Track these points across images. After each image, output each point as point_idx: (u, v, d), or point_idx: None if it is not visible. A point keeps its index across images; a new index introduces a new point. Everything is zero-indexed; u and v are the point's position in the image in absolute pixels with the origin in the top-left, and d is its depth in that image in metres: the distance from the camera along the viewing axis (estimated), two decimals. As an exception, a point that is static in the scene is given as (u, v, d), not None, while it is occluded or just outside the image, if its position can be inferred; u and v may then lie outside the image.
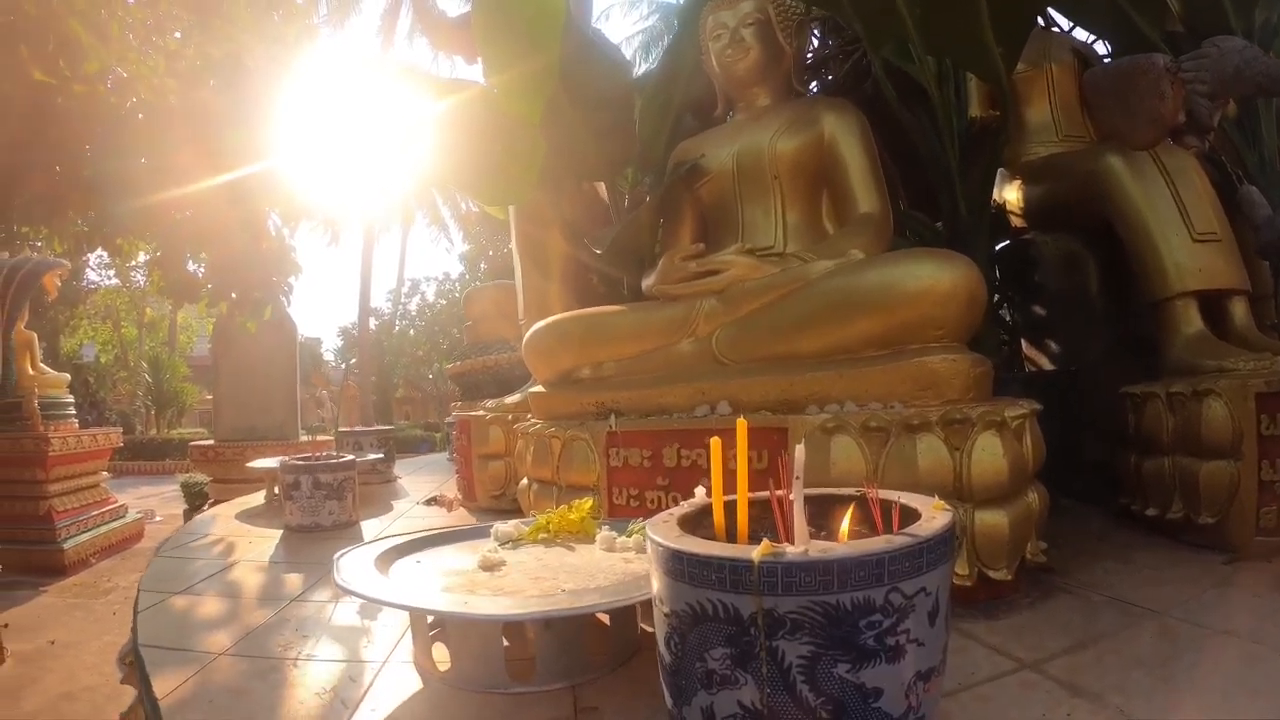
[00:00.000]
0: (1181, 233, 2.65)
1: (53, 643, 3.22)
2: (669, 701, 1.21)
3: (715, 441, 1.20)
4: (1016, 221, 3.69)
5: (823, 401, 2.23)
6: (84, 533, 5.08)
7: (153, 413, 18.86)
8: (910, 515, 1.18)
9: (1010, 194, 3.63)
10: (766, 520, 1.23)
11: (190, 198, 4.25)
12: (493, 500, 3.76)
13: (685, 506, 1.32)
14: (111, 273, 20.98)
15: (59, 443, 5.11)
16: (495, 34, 3.12)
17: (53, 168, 3.05)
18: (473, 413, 3.91)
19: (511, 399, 3.85)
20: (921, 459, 1.98)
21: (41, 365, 5.92)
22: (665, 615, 1.15)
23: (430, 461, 7.85)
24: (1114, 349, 3.27)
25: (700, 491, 1.30)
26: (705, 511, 1.29)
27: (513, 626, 1.93)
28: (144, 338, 22.69)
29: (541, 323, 2.97)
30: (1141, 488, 2.66)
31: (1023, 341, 4.07)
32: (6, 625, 3.16)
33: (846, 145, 2.84)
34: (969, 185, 3.16)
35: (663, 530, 1.18)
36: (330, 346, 31.30)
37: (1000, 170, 3.64)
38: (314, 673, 1.97)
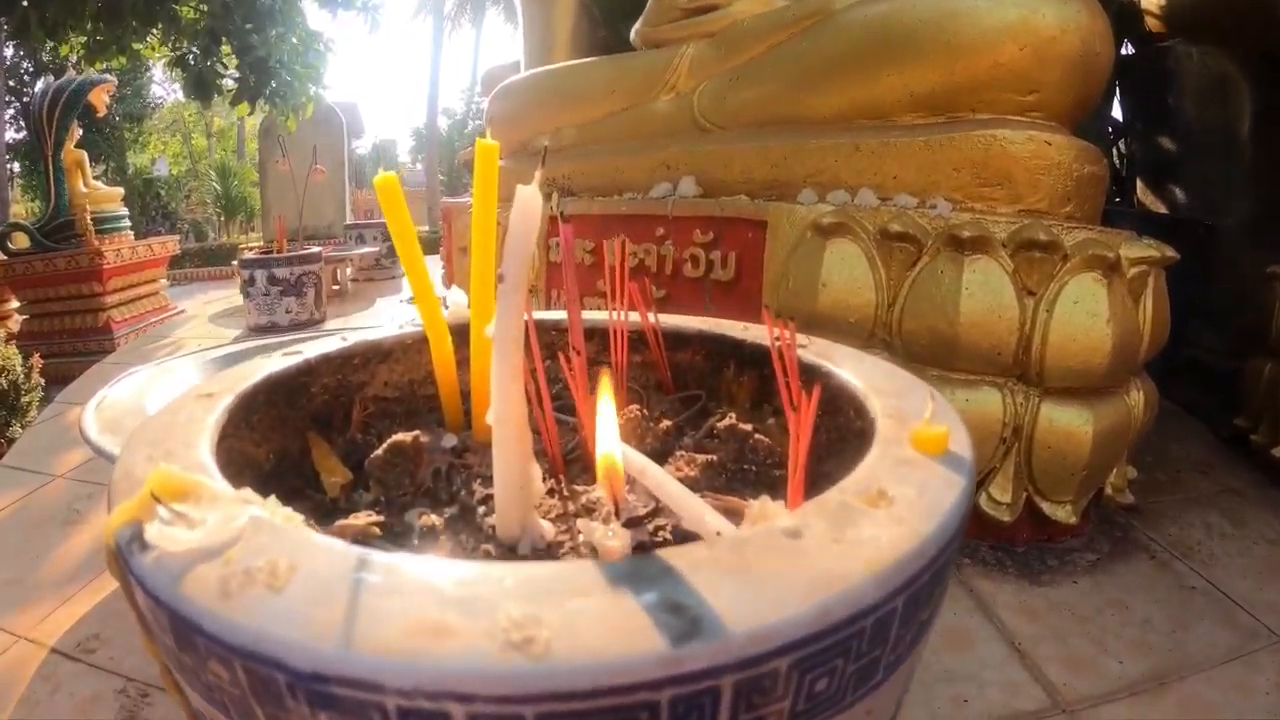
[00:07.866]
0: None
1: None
2: None
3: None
4: (1154, 24, 2.79)
5: (827, 187, 1.60)
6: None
7: (223, 220, 19.17)
8: (850, 408, 0.46)
9: (1151, -15, 2.72)
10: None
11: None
12: (471, 299, 3.43)
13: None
14: (177, 86, 20.67)
15: (113, 255, 5.21)
16: None
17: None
18: (457, 199, 3.50)
19: (504, 186, 3.39)
20: (968, 298, 1.31)
21: (94, 182, 5.95)
22: None
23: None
24: (1263, 216, 2.41)
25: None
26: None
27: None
28: (214, 147, 22.74)
29: (504, 83, 2.43)
30: (1273, 413, 1.88)
31: (1138, 182, 3.16)
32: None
33: None
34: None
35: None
36: (406, 148, 31.26)
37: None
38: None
